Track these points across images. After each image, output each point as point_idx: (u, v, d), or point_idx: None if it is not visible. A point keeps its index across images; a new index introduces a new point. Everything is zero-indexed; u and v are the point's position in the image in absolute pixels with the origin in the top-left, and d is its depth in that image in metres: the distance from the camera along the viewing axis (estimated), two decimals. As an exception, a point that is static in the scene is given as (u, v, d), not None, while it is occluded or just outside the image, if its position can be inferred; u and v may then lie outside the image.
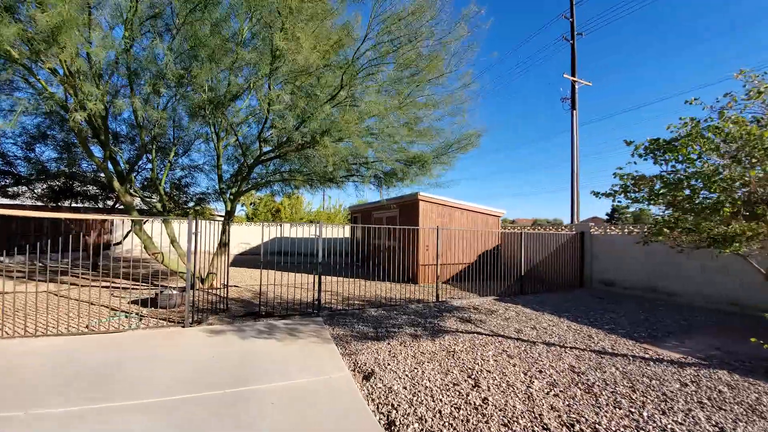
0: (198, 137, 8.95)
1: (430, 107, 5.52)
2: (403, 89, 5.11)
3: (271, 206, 20.35)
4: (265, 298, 7.31)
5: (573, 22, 18.42)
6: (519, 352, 4.58)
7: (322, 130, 5.05)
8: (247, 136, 7.71)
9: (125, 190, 6.26)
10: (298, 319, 5.76)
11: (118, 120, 9.28)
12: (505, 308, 7.04)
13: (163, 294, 6.15)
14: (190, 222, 5.17)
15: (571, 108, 18.21)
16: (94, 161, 6.14)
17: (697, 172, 3.62)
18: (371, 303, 7.10)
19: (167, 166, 8.19)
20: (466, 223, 10.73)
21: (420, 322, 5.80)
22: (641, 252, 8.73)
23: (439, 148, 6.13)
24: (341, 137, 5.21)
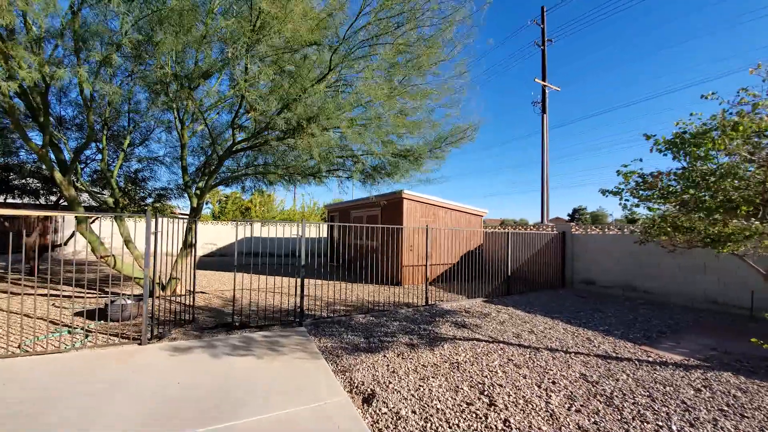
0: (159, 124, 7.97)
1: (425, 97, 5.08)
2: (398, 74, 4.61)
3: (240, 204, 19.09)
4: (238, 305, 6.55)
5: (544, 28, 18.88)
6: (525, 361, 4.25)
7: (309, 116, 4.44)
8: (217, 124, 6.91)
9: (69, 182, 5.29)
10: (278, 329, 5.11)
11: (63, 103, 8.07)
12: (497, 310, 6.76)
13: (115, 304, 5.26)
14: (149, 219, 4.38)
15: (542, 112, 18.65)
16: (30, 147, 5.12)
17: (721, 168, 3.42)
18: (357, 308, 6.56)
19: (121, 156, 7.17)
20: (450, 222, 10.45)
21: (414, 329, 5.35)
22: (620, 251, 8.83)
23: (433, 141, 5.72)
24: (329, 126, 4.63)
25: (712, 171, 3.42)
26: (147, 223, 4.37)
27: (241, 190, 9.32)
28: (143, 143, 8.69)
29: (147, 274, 4.37)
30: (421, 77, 4.87)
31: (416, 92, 5.07)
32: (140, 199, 10.80)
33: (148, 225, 4.37)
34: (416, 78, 4.94)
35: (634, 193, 4.24)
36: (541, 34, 18.90)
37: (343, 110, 4.54)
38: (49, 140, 5.16)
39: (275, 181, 8.76)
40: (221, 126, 7.19)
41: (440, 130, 5.79)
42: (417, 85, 5.09)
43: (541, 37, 18.89)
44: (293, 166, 6.60)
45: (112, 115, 6.83)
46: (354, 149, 5.93)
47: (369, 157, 5.93)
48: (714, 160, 3.56)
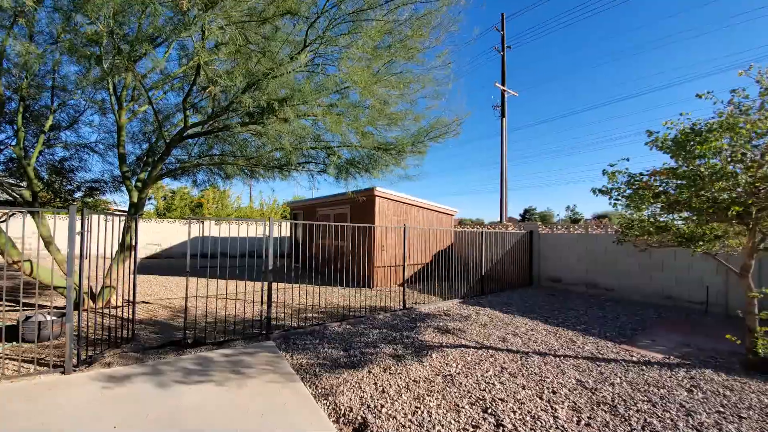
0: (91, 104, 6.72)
1: (408, 86, 4.64)
2: (382, 58, 4.11)
3: (189, 200, 17.32)
4: (190, 317, 5.66)
5: (503, 35, 19.45)
6: (519, 368, 3.99)
7: (282, 98, 3.79)
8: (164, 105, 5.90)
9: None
10: (241, 346, 4.39)
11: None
12: (476, 312, 6.54)
13: (30, 321, 4.21)
14: (73, 216, 3.48)
15: (501, 115, 19.24)
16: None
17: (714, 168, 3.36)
18: (331, 315, 5.98)
19: (41, 140, 5.88)
20: (422, 221, 10.16)
21: (396, 338, 4.90)
22: (583, 250, 9.11)
23: (416, 134, 5.29)
24: (306, 111, 4.00)
25: (711, 171, 3.35)
26: (71, 220, 3.47)
27: (192, 185, 8.24)
28: (72, 126, 7.32)
29: (71, 283, 3.47)
30: (408, 61, 4.41)
31: (400, 79, 4.61)
32: (68, 193, 9.22)
33: (71, 223, 3.47)
34: (400, 63, 4.48)
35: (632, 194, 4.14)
36: (501, 40, 19.47)
37: (322, 93, 3.94)
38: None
39: (233, 174, 7.84)
40: (169, 108, 6.19)
41: (422, 124, 5.40)
42: (400, 73, 4.63)
43: (501, 42, 19.47)
44: (256, 158, 5.81)
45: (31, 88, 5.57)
46: (329, 140, 5.33)
47: (344, 149, 5.35)
48: (711, 160, 3.51)
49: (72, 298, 3.47)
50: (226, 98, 3.95)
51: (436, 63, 4.93)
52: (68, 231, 3.48)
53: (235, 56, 3.75)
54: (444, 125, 5.18)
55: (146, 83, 4.84)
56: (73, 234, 3.50)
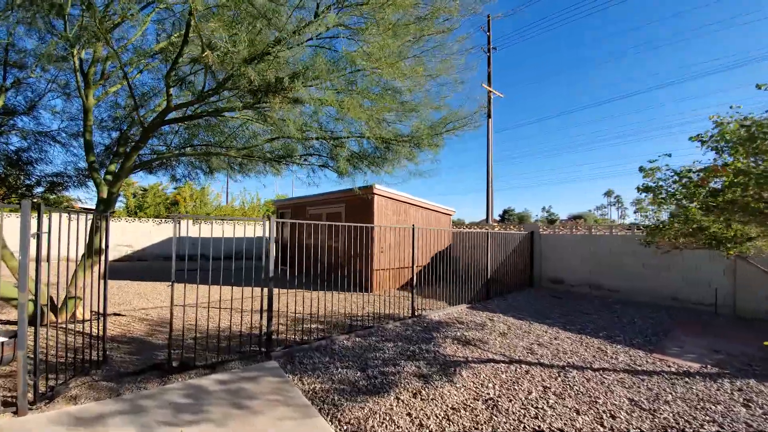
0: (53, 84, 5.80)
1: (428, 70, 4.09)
2: (406, 33, 3.54)
3: (164, 198, 16.02)
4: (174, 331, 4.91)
5: (489, 36, 19.38)
6: (562, 387, 3.55)
7: (292, 73, 3.15)
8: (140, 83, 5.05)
9: None
10: (238, 368, 3.72)
11: None
12: (489, 319, 6.10)
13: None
14: (27, 213, 2.73)
15: (487, 116, 19.15)
16: None
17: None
18: (335, 326, 5.36)
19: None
20: (421, 221, 9.67)
21: (415, 352, 4.36)
22: (587, 251, 8.90)
23: (435, 124, 4.73)
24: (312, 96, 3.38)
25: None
26: (23, 219, 2.72)
27: (170, 180, 7.37)
28: (30, 111, 6.34)
29: (24, 299, 2.71)
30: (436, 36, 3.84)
31: (418, 63, 4.06)
32: (26, 189, 8.12)
33: (24, 223, 2.72)
34: (422, 44, 3.91)
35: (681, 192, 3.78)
36: (487, 42, 19.39)
37: (338, 71, 3.34)
38: None
39: (218, 168, 7.05)
40: (146, 88, 5.34)
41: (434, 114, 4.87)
42: (421, 54, 4.07)
43: (486, 44, 19.38)
44: (250, 148, 5.08)
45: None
46: (335, 129, 4.70)
47: (352, 140, 4.73)
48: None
49: (25, 316, 2.72)
50: (223, 71, 3.29)
51: (454, 48, 4.41)
52: (20, 232, 2.73)
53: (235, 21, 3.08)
54: (463, 116, 4.67)
55: (122, 56, 4.06)
56: (27, 236, 2.74)
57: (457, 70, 4.39)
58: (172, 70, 3.47)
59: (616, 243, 8.47)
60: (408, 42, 3.78)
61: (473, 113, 4.65)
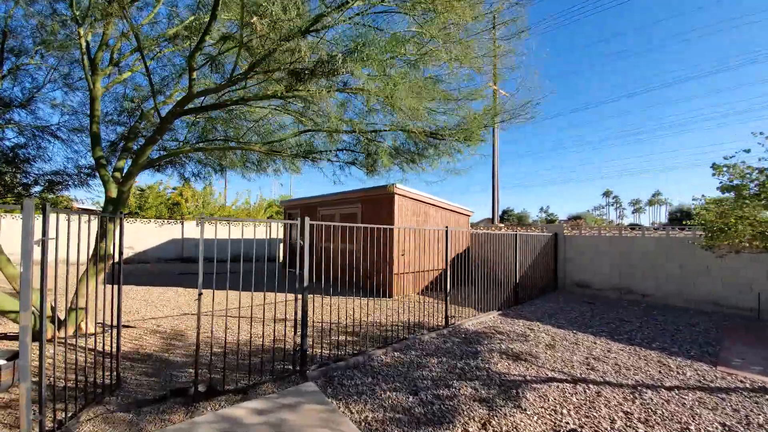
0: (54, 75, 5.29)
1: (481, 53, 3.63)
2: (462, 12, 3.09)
3: (165, 198, 15.40)
4: (190, 345, 4.42)
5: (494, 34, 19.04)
6: (644, 411, 3.13)
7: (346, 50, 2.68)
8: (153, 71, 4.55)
9: None
10: (273, 392, 3.25)
11: None
12: (528, 328, 5.67)
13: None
14: (29, 214, 2.26)
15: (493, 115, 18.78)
16: None
17: None
18: (365, 337, 4.89)
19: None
20: (440, 222, 9.22)
21: (464, 370, 3.91)
22: (616, 253, 8.49)
23: (479, 116, 4.24)
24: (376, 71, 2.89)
25: None
26: (25, 222, 2.24)
27: (179, 178, 6.87)
28: (28, 104, 5.82)
29: (26, 321, 2.23)
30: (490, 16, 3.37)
31: (466, 43, 3.59)
32: (22, 187, 7.58)
33: (27, 226, 2.24)
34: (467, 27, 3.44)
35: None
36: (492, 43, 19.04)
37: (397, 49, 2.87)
38: None
39: (232, 165, 6.55)
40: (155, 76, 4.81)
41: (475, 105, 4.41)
42: (479, 33, 3.58)
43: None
44: (274, 143, 4.59)
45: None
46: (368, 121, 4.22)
47: (393, 134, 4.26)
48: None
49: (28, 340, 2.23)
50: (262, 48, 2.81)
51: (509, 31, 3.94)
52: (22, 238, 2.24)
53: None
54: (518, 105, 4.20)
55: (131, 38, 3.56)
56: (29, 242, 2.26)
57: (504, 54, 3.91)
58: (197, 49, 3.00)
59: (648, 245, 8.07)
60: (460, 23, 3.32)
61: (524, 104, 4.19)
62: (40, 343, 2.37)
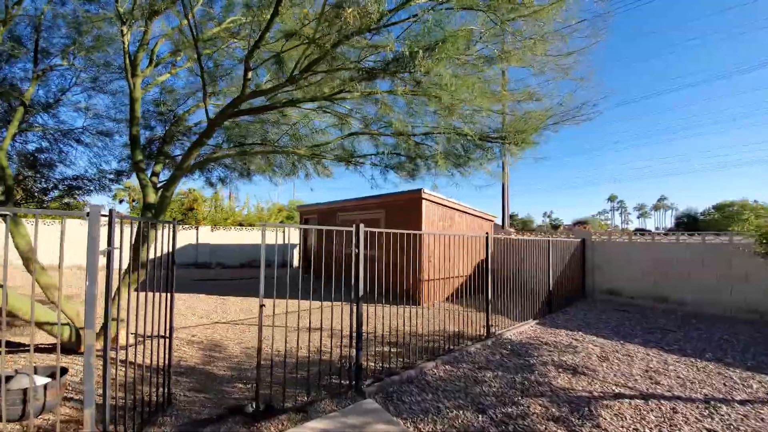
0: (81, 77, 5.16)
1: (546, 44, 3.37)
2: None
3: (180, 202, 15.23)
4: (232, 357, 4.23)
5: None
6: (727, 428, 2.92)
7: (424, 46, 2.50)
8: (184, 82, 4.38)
9: None
10: (334, 410, 3.04)
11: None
12: (572, 339, 5.45)
13: (12, 388, 2.71)
14: (95, 220, 2.09)
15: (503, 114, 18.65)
16: None
17: None
18: (410, 348, 4.67)
19: (17, 116, 4.27)
20: (465, 227, 9.04)
21: (524, 385, 3.70)
22: (650, 260, 8.27)
23: (530, 118, 4.01)
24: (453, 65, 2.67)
25: None
26: (92, 231, 2.06)
27: (206, 184, 6.71)
28: (54, 106, 5.69)
29: (91, 341, 2.05)
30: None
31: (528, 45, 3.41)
32: (41, 192, 7.45)
33: (93, 237, 2.06)
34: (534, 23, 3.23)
35: None
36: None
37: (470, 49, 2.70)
38: None
39: (259, 170, 6.40)
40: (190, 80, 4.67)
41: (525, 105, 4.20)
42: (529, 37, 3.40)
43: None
44: (319, 145, 4.42)
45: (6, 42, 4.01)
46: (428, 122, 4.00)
47: (440, 137, 4.06)
48: None
49: (92, 360, 2.05)
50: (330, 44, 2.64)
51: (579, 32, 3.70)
52: (88, 248, 2.07)
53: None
54: (573, 107, 3.99)
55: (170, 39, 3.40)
56: (96, 252, 2.09)
57: (560, 51, 3.71)
58: (256, 47, 2.84)
59: (681, 252, 7.86)
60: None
61: (581, 104, 4.00)
62: (104, 363, 2.19)
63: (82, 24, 4.18)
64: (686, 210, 59.24)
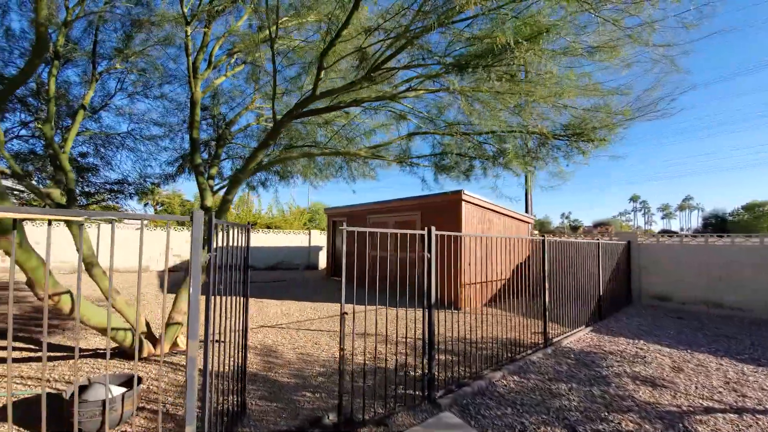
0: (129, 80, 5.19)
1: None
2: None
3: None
4: (286, 363, 4.15)
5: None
6: None
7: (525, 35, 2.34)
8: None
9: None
10: (413, 424, 2.89)
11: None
12: (638, 348, 5.16)
13: (89, 399, 2.66)
14: (198, 226, 2.01)
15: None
16: None
17: None
18: (468, 357, 4.49)
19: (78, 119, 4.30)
20: (502, 229, 8.79)
21: (605, 398, 3.47)
22: (703, 263, 7.84)
23: (624, 110, 3.71)
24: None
25: None
26: (195, 236, 1.99)
27: (248, 189, 6.70)
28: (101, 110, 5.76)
29: (194, 353, 1.97)
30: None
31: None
32: (83, 195, 7.60)
33: (196, 243, 1.99)
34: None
35: None
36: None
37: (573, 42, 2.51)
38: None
39: (303, 173, 6.33)
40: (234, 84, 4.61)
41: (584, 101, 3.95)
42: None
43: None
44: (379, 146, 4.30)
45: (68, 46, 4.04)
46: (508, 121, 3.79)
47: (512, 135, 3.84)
48: None
49: (195, 374, 1.96)
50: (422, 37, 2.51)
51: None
52: (191, 256, 1.99)
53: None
54: (649, 102, 3.73)
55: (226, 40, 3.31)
56: (198, 259, 2.01)
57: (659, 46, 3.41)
58: (332, 44, 2.73)
59: (735, 254, 7.42)
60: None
61: (657, 100, 3.72)
62: (204, 372, 2.10)
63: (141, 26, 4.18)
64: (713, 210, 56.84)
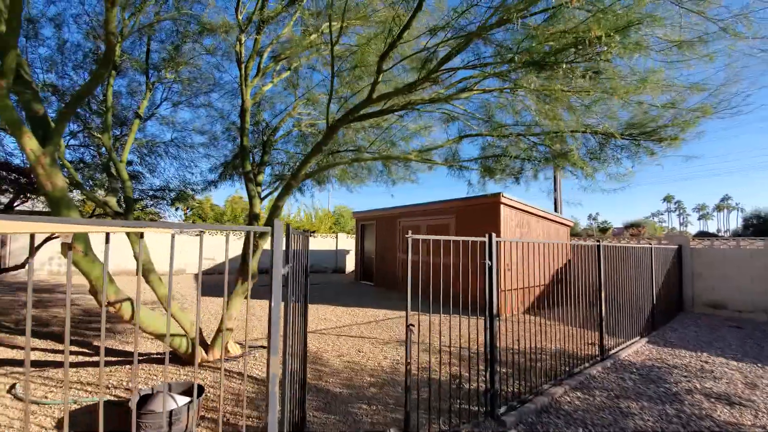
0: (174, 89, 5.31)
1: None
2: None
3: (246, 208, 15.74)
4: (335, 372, 4.08)
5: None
6: None
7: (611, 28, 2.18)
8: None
9: (52, 160, 2.66)
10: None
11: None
12: (701, 361, 4.79)
13: (156, 412, 2.67)
14: (279, 236, 1.96)
15: None
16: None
17: None
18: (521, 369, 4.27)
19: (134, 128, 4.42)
20: (541, 233, 8.47)
21: (682, 419, 3.20)
22: (762, 268, 7.26)
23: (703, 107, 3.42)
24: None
25: None
26: (276, 244, 1.94)
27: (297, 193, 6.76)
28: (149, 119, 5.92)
29: (275, 364, 1.91)
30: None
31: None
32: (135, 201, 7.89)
33: (277, 253, 1.94)
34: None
35: None
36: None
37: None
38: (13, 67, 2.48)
39: (341, 178, 6.30)
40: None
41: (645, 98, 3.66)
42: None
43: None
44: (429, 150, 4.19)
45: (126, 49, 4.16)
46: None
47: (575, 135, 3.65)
48: None
49: (276, 389, 1.90)
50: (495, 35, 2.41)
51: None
52: (273, 267, 1.94)
53: None
54: (719, 100, 3.43)
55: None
56: (279, 270, 1.95)
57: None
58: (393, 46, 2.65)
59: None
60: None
61: (732, 96, 3.42)
62: (283, 386, 2.03)
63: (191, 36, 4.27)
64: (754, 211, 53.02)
